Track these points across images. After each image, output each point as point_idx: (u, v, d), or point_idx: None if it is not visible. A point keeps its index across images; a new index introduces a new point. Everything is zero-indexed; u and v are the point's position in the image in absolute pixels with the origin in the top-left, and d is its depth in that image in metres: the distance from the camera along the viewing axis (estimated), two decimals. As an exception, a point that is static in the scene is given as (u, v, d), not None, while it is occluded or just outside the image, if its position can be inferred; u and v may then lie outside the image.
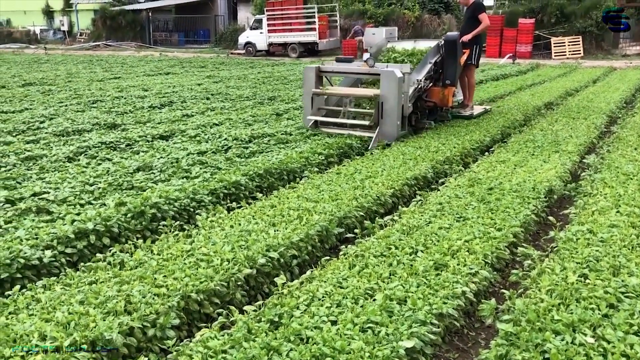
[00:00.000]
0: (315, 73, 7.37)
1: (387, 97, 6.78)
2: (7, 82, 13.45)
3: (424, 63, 7.61)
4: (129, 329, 2.59)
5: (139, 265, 3.28)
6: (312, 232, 3.77)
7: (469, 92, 8.70)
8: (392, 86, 6.73)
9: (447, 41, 7.77)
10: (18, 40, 38.34)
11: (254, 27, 28.31)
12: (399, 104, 6.79)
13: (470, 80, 8.67)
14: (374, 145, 6.61)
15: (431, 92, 7.78)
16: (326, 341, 2.41)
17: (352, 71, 7.59)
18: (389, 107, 6.79)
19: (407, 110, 7.05)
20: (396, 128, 6.83)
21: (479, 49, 8.46)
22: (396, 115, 6.77)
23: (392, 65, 7.28)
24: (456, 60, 7.70)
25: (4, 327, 2.54)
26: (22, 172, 5.21)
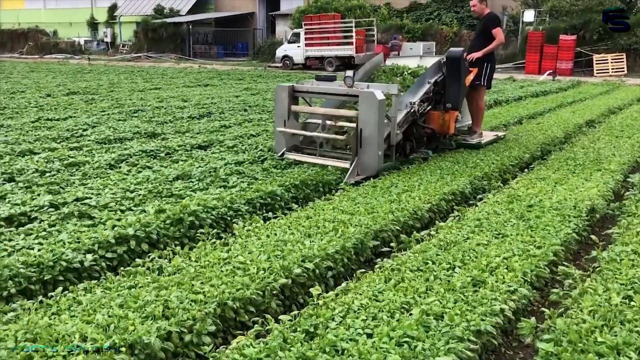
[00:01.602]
0: (288, 93, 6.37)
1: (366, 122, 5.71)
2: (52, 90, 13.90)
3: (421, 83, 6.63)
4: (166, 334, 2.62)
5: (177, 271, 3.33)
6: (348, 244, 3.76)
7: (477, 116, 7.66)
8: (372, 110, 5.66)
9: (450, 58, 6.78)
10: (63, 50, 39.63)
11: (291, 40, 28.63)
12: (381, 131, 5.75)
13: (479, 104, 7.63)
14: (349, 180, 5.57)
15: (429, 117, 6.74)
16: (362, 354, 2.40)
17: (328, 92, 6.47)
18: (368, 134, 5.72)
19: (395, 138, 6.08)
20: (377, 159, 5.75)
21: (490, 68, 7.43)
22: (377, 144, 5.71)
23: (375, 85, 6.30)
24: (460, 80, 6.76)
25: (47, 327, 2.60)
26: (65, 178, 5.36)
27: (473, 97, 7.50)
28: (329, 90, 6.47)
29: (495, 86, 16.64)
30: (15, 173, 5.44)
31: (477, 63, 7.17)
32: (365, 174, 5.74)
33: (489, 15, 7.47)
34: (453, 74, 6.74)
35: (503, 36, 7.43)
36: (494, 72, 7.57)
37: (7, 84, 15.83)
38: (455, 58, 6.76)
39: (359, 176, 5.70)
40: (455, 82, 6.74)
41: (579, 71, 23.83)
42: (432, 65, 6.86)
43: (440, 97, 6.80)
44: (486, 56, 7.25)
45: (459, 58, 6.75)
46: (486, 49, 7.21)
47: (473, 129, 7.66)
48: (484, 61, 7.27)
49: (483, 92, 7.65)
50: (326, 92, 6.53)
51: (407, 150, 6.59)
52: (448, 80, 6.75)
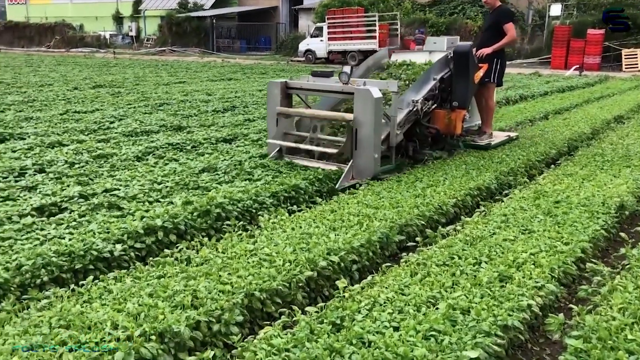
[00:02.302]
0: (280, 89, 5.99)
1: (362, 122, 5.31)
2: (79, 84, 14.12)
3: (426, 80, 6.23)
4: (195, 323, 2.66)
5: (204, 262, 3.37)
6: (374, 238, 3.77)
7: (487, 116, 7.21)
8: (368, 109, 5.25)
9: (457, 53, 6.36)
10: (89, 44, 40.20)
11: (314, 35, 28.64)
12: (378, 132, 5.34)
13: (488, 102, 7.16)
14: (343, 183, 5.22)
15: (434, 116, 6.35)
16: (389, 346, 2.41)
17: (321, 88, 6.01)
18: (364, 135, 5.32)
19: (395, 139, 5.70)
20: (373, 162, 5.36)
21: (501, 64, 6.99)
22: (373, 146, 5.31)
23: (372, 82, 5.83)
24: (468, 77, 6.31)
25: (79, 315, 2.66)
26: (94, 169, 5.46)
27: (482, 95, 7.06)
28: (323, 87, 5.97)
29: (520, 81, 16.47)
30: (45, 164, 5.55)
31: (486, 59, 6.79)
32: (361, 177, 5.36)
33: (500, 9, 7.05)
34: (460, 70, 6.33)
35: (515, 32, 7.01)
36: (505, 68, 7.17)
37: (35, 76, 16.11)
38: (462, 53, 6.33)
39: (354, 180, 5.34)
40: (462, 78, 6.32)
41: (607, 66, 23.42)
42: (438, 61, 6.45)
43: (447, 95, 6.41)
44: (496, 52, 6.83)
45: (467, 53, 6.33)
46: (497, 45, 6.78)
47: (482, 129, 7.24)
48: (494, 57, 6.85)
49: (493, 90, 7.17)
50: (320, 89, 6.05)
51: (409, 151, 6.23)
52: (455, 76, 6.35)
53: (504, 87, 14.11)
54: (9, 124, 7.95)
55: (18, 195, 4.58)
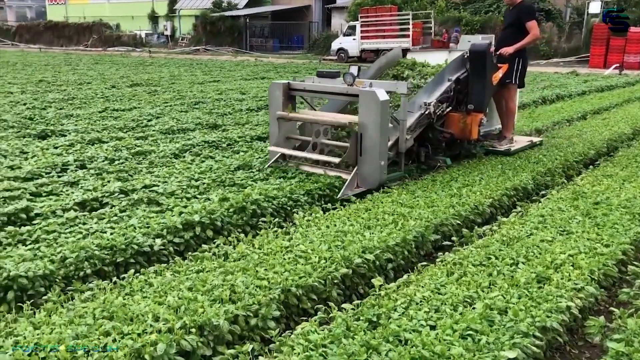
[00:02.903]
0: (283, 91, 5.64)
1: (367, 126, 4.94)
2: (116, 82, 14.42)
3: (439, 81, 5.87)
4: (233, 317, 2.71)
5: (241, 257, 3.43)
6: (409, 237, 3.77)
7: (507, 119, 6.77)
8: (373, 112, 4.91)
9: (474, 52, 5.95)
10: (125, 43, 40.94)
11: (347, 33, 28.62)
12: (384, 137, 4.96)
13: (509, 105, 6.69)
14: (346, 192, 4.85)
15: (448, 120, 5.97)
16: (425, 344, 2.41)
17: (326, 90, 5.63)
18: (369, 140, 4.95)
19: (404, 144, 5.34)
20: (379, 170, 4.97)
21: (522, 64, 6.54)
22: (378, 152, 4.93)
23: (380, 84, 5.46)
24: (485, 78, 5.91)
25: (122, 307, 2.74)
26: (133, 166, 5.58)
27: (503, 97, 6.62)
28: (327, 89, 5.61)
29: (557, 80, 16.16)
30: (86, 160, 5.71)
31: (507, 59, 6.36)
32: (365, 186, 5.01)
33: (522, 5, 6.51)
34: (477, 70, 5.95)
35: (539, 30, 6.52)
36: (527, 68, 6.76)
37: (74, 75, 16.52)
38: (479, 52, 5.93)
39: (359, 189, 5.00)
40: (479, 79, 5.93)
41: (648, 65, 22.76)
42: (454, 61, 6.09)
43: (464, 97, 6.05)
44: (517, 51, 6.39)
45: (484, 52, 5.91)
46: (519, 44, 6.32)
47: (503, 133, 6.78)
48: (515, 56, 6.41)
49: (514, 92, 6.72)
50: (324, 91, 5.67)
51: (421, 157, 5.88)
52: (471, 77, 5.98)
53: (540, 87, 13.91)
54: (51, 121, 8.19)
55: (61, 190, 4.72)
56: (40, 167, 5.37)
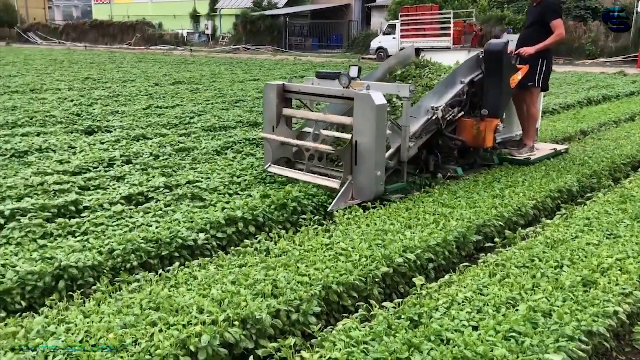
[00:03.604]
0: (277, 93, 5.23)
1: (362, 132, 4.54)
2: (159, 80, 14.72)
3: (450, 83, 5.41)
4: (275, 311, 2.75)
5: (282, 253, 3.47)
6: (450, 237, 3.74)
7: (528, 126, 6.24)
8: (368, 117, 4.49)
9: (489, 52, 5.49)
10: (167, 42, 41.73)
11: (386, 32, 28.51)
12: (380, 145, 4.54)
13: (531, 109, 6.16)
14: (338, 205, 4.46)
15: (460, 126, 5.52)
16: (468, 344, 2.40)
17: (320, 92, 5.16)
18: (364, 148, 4.54)
19: (407, 152, 4.90)
20: (374, 180, 4.55)
21: (546, 65, 6.01)
22: (374, 161, 4.52)
23: (379, 86, 5.13)
24: (501, 80, 5.44)
25: (167, 298, 2.80)
26: (177, 162, 5.71)
27: (524, 101, 6.12)
28: (322, 91, 5.15)
29: (604, 80, 15.72)
30: (132, 156, 5.86)
31: (529, 59, 5.89)
32: (361, 198, 4.60)
33: (546, 2, 6.00)
34: (492, 71, 5.47)
35: (564, 30, 5.97)
36: (551, 70, 6.20)
37: (118, 72, 16.94)
38: (495, 52, 5.45)
39: (354, 201, 4.58)
40: (495, 82, 5.45)
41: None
42: (467, 61, 5.62)
43: (478, 101, 5.58)
44: (542, 51, 5.89)
45: (500, 52, 5.43)
46: (541, 44, 5.84)
47: (523, 141, 6.27)
48: (539, 57, 5.91)
49: (537, 96, 6.20)
50: (319, 94, 5.20)
51: (430, 166, 5.43)
52: (486, 79, 5.52)
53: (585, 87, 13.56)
54: (97, 117, 8.43)
55: (108, 184, 4.87)
56: (87, 161, 5.55)
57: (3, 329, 2.53)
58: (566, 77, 16.49)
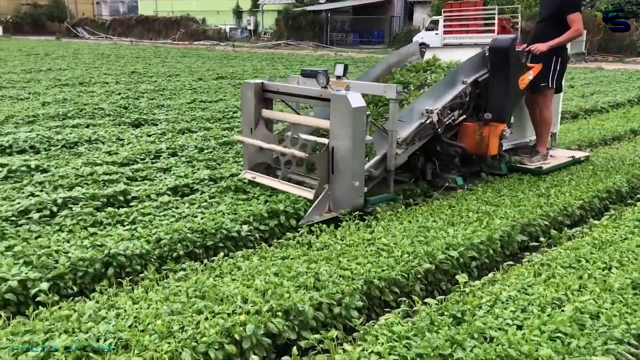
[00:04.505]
0: (255, 92, 4.79)
1: (339, 138, 4.10)
2: (203, 75, 14.95)
3: (450, 83, 4.90)
4: (317, 304, 2.78)
5: (324, 247, 3.49)
6: (495, 236, 3.70)
7: (541, 131, 5.70)
8: (344, 121, 4.05)
9: (494, 49, 5.00)
10: (210, 37, 42.24)
11: (429, 28, 28.19)
12: (358, 152, 4.08)
13: (544, 113, 5.58)
14: (312, 218, 4.05)
15: (461, 131, 5.05)
16: (512, 343, 2.37)
17: (297, 92, 4.69)
18: (341, 155, 4.12)
19: (394, 160, 4.45)
20: (353, 192, 4.12)
21: (560, 64, 5.46)
22: (351, 171, 4.09)
23: (363, 86, 4.78)
24: (507, 80, 4.96)
25: (212, 287, 2.87)
26: (221, 155, 5.80)
27: (537, 103, 5.59)
28: (301, 91, 4.67)
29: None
30: (177, 148, 5.99)
31: (542, 57, 5.36)
32: (338, 210, 4.17)
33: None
34: (498, 71, 4.99)
35: (582, 25, 5.37)
36: (565, 69, 5.64)
37: (163, 67, 17.27)
38: (500, 49, 4.96)
39: (330, 214, 4.15)
40: (500, 82, 4.96)
41: None
42: (471, 59, 5.09)
43: (484, 103, 5.11)
44: (556, 49, 5.37)
45: (507, 49, 4.93)
46: (557, 40, 5.31)
47: (536, 148, 5.74)
48: (552, 55, 5.38)
49: (550, 98, 5.61)
50: (297, 94, 4.71)
51: (427, 174, 4.97)
52: (491, 79, 5.03)
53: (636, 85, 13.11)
54: (143, 110, 8.63)
55: (155, 176, 4.99)
56: (135, 153, 5.70)
57: (57, 312, 2.64)
58: (616, 75, 16.00)
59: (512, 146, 5.62)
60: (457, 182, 4.92)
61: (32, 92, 10.62)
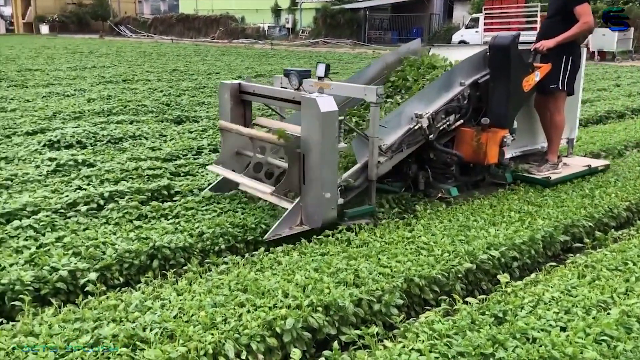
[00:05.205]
0: (231, 93, 4.44)
1: (309, 145, 3.75)
2: (242, 72, 15.13)
3: (444, 85, 4.46)
4: (357, 300, 2.80)
5: (363, 244, 3.51)
6: (537, 236, 3.65)
7: (552, 138, 5.17)
8: (314, 126, 3.69)
9: (494, 47, 4.57)
10: (249, 36, 42.60)
11: (469, 25, 27.85)
12: (330, 160, 3.72)
13: (554, 119, 5.07)
14: (279, 232, 3.69)
15: (458, 137, 4.62)
16: (555, 345, 2.34)
17: (271, 94, 4.33)
18: (311, 164, 3.77)
19: (376, 169, 4.07)
20: (324, 204, 3.74)
21: (572, 64, 4.97)
22: (321, 181, 3.73)
23: (343, 87, 4.46)
24: (508, 82, 4.50)
25: (254, 281, 2.92)
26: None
27: (547, 108, 5.09)
28: (275, 93, 4.32)
29: None
30: (218, 145, 6.07)
31: (551, 56, 4.89)
32: (310, 224, 3.80)
33: None
34: (498, 71, 4.54)
35: (592, 17, 4.88)
36: (578, 69, 5.12)
37: (203, 65, 17.54)
38: (501, 47, 4.52)
39: (300, 227, 3.79)
40: (501, 84, 4.52)
41: None
42: (470, 59, 4.64)
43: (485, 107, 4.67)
44: (566, 46, 4.90)
45: (508, 47, 4.48)
46: (564, 36, 4.84)
47: (546, 156, 5.22)
48: (563, 54, 4.90)
49: (562, 102, 5.07)
50: (271, 95, 4.35)
51: (420, 184, 4.63)
52: (491, 81, 4.58)
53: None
54: (185, 107, 8.79)
55: (197, 171, 5.09)
56: (177, 149, 5.82)
57: (105, 301, 2.73)
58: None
59: (520, 153, 5.20)
60: (451, 193, 4.56)
61: (78, 88, 10.95)
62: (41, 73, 14.13)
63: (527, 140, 5.28)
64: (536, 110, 5.21)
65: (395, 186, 4.60)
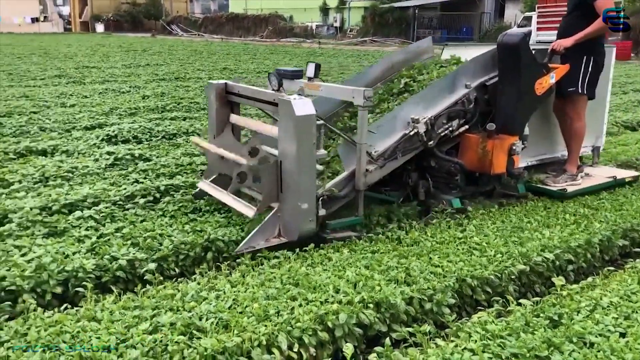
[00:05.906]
0: (217, 94, 4.17)
1: (285, 150, 3.47)
2: (290, 71, 15.22)
3: (447, 87, 4.12)
4: (408, 298, 2.80)
5: (414, 243, 3.50)
6: (594, 239, 3.56)
7: (572, 146, 4.79)
8: (289, 131, 3.41)
9: (503, 46, 4.17)
10: (297, 35, 42.85)
11: (521, 25, 27.23)
12: (307, 169, 3.43)
13: (574, 125, 4.68)
14: (253, 244, 3.42)
15: (462, 144, 4.26)
16: (614, 351, 2.28)
17: (254, 95, 3.95)
18: (287, 173, 3.49)
19: (364, 179, 3.72)
20: (301, 216, 3.44)
21: (594, 65, 4.57)
22: (299, 190, 3.42)
23: (331, 89, 4.12)
24: (518, 84, 4.11)
25: (305, 276, 2.95)
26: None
27: (566, 113, 4.70)
28: (257, 95, 3.92)
29: None
30: (268, 142, 6.16)
31: (570, 56, 4.51)
32: (288, 236, 3.53)
33: None
34: (507, 72, 4.16)
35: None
36: (601, 70, 4.68)
37: (252, 64, 17.77)
38: (510, 46, 4.12)
39: (278, 239, 3.53)
40: (510, 86, 4.13)
41: None
42: (476, 59, 4.29)
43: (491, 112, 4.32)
44: (586, 45, 4.49)
45: (517, 46, 4.08)
46: (582, 34, 4.43)
47: (564, 165, 4.82)
48: (582, 53, 4.52)
49: (583, 106, 4.67)
50: (254, 97, 3.97)
51: (420, 194, 4.24)
52: (499, 83, 4.21)
53: None
54: (235, 104, 8.92)
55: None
56: (229, 145, 5.91)
57: (162, 290, 2.82)
58: None
59: (537, 162, 4.83)
60: (452, 205, 4.18)
61: (133, 85, 11.28)
62: (97, 70, 14.62)
63: (545, 148, 4.90)
64: (555, 115, 4.83)
65: (394, 196, 4.25)
